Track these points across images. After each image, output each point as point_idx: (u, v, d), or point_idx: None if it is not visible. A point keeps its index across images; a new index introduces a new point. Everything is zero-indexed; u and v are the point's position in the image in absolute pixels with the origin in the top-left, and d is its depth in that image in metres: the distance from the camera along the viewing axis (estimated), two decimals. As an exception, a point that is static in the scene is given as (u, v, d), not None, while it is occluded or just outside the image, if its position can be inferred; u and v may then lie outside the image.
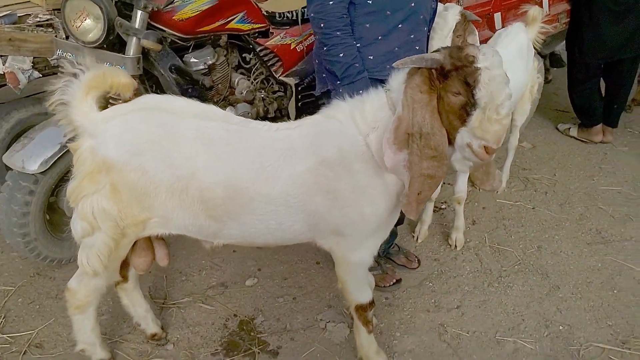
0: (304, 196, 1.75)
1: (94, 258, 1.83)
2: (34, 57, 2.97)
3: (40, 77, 2.96)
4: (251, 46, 3.14)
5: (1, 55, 2.82)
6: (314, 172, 1.73)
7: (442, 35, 2.41)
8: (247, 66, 3.23)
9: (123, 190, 1.72)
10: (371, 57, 2.13)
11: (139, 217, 1.77)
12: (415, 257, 2.91)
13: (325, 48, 2.02)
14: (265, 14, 3.09)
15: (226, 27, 2.94)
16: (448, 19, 2.26)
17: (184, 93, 2.80)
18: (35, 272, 2.79)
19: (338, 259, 1.95)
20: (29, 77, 2.87)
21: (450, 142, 1.64)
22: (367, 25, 2.10)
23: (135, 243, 1.93)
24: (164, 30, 2.71)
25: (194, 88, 2.82)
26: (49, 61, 3.00)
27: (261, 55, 3.17)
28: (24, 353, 2.29)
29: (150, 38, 2.46)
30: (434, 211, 3.23)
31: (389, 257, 2.86)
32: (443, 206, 3.48)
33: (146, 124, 1.73)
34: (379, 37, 2.11)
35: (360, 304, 2.02)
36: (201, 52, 2.98)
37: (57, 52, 2.64)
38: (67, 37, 2.74)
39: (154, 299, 2.63)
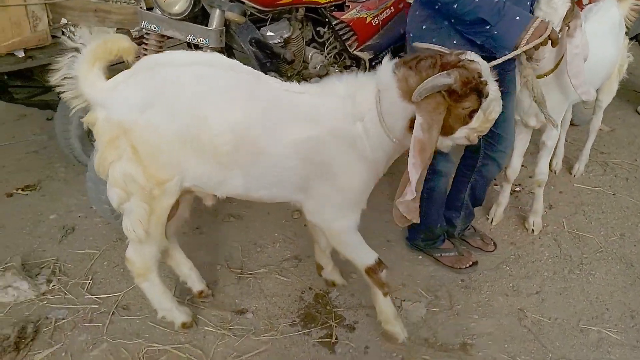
0: (299, 161, 1.81)
1: (136, 224, 1.89)
2: (116, 29, 3.04)
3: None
4: (326, 19, 3.09)
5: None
6: (313, 141, 1.79)
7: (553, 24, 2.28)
8: (321, 40, 3.20)
9: (140, 151, 1.75)
10: None
11: (160, 177, 1.79)
12: (491, 239, 2.84)
13: (455, 5, 1.88)
14: (342, -15, 3.04)
15: (303, -1, 2.90)
16: (558, 7, 2.11)
17: (263, 67, 2.79)
18: (118, 238, 2.91)
19: (325, 231, 2.04)
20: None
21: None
22: None
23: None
24: (244, 3, 2.71)
25: (272, 62, 2.82)
26: (131, 34, 3.08)
27: (336, 29, 3.12)
28: (112, 314, 2.40)
29: (235, 10, 2.46)
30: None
31: (464, 239, 2.81)
32: (517, 189, 3.38)
33: (150, 81, 1.74)
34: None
35: (367, 266, 2.05)
36: (277, 25, 2.97)
37: (142, 23, 2.67)
38: (149, 9, 2.78)
39: (231, 269, 2.69)
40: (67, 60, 1.77)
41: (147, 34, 2.72)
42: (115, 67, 1.89)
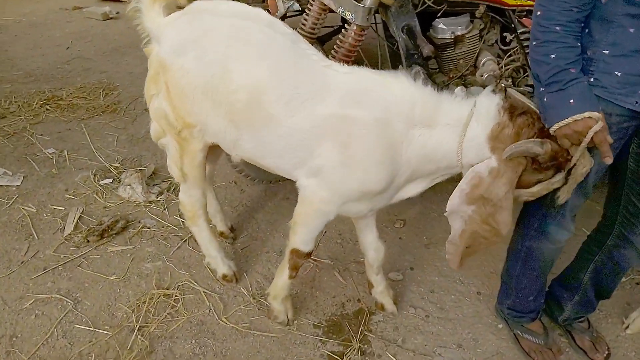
0: (316, 138, 1.67)
1: (171, 161, 2.03)
2: (300, -10, 3.12)
3: (298, 11, 3.12)
4: (513, 25, 2.65)
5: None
6: (339, 121, 1.63)
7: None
8: (504, 48, 2.77)
9: (172, 90, 1.80)
10: (618, 74, 1.46)
11: (186, 121, 1.84)
12: (608, 349, 2.13)
13: (534, 43, 1.48)
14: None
15: (486, -5, 2.53)
16: None
17: (408, 58, 2.57)
18: (233, 181, 3.11)
19: (307, 196, 1.80)
20: (288, 7, 3.04)
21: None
22: (632, 31, 1.43)
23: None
24: (413, -12, 2.51)
25: (419, 55, 2.56)
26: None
27: (521, 38, 2.65)
28: (184, 241, 2.59)
29: (385, -11, 2.28)
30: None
31: (570, 331, 2.17)
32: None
33: (190, 26, 1.77)
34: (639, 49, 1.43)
35: (297, 250, 1.94)
36: (454, 19, 2.68)
37: (306, -12, 2.70)
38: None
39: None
40: None
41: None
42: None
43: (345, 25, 2.51)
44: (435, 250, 2.68)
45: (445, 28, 2.66)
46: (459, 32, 2.65)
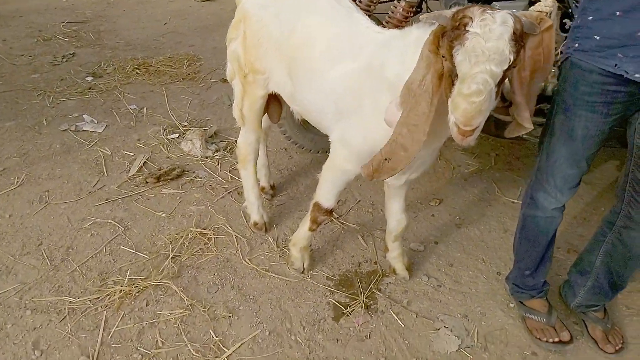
0: (344, 92, 1.77)
1: (235, 102, 2.27)
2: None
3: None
4: (570, 11, 2.58)
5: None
6: (358, 74, 1.71)
7: None
8: (564, 35, 2.70)
9: (249, 38, 2.04)
10: (597, 37, 1.50)
11: (254, 66, 2.06)
12: (622, 340, 2.04)
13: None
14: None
15: (545, -25, 2.49)
16: None
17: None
18: (284, 147, 3.31)
19: (332, 152, 1.93)
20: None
21: None
22: None
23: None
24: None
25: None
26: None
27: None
28: (229, 192, 2.84)
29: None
30: None
31: (584, 319, 2.10)
32: None
33: None
34: (617, 13, 1.44)
35: (320, 204, 2.07)
36: (512, 3, 2.65)
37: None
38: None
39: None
40: None
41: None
42: None
43: (395, 2, 2.60)
44: (465, 230, 2.69)
45: (499, 9, 2.65)
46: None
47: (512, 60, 1.25)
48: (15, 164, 2.99)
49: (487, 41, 1.21)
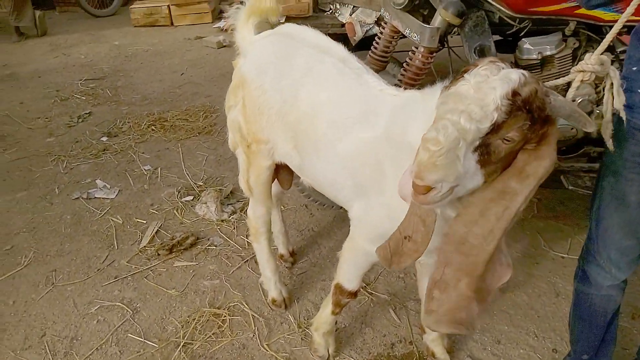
0: (360, 164, 1.57)
1: (240, 174, 2.10)
2: (379, 14, 3.06)
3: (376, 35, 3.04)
4: (612, 43, 2.31)
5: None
6: (374, 143, 1.52)
7: None
8: (605, 70, 2.42)
9: (248, 106, 1.85)
10: None
11: (257, 136, 1.87)
12: None
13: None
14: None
15: (575, 11, 2.25)
16: None
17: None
18: (304, 204, 3.09)
19: (352, 230, 1.75)
20: (366, 31, 2.99)
21: None
22: None
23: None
24: (492, 4, 2.31)
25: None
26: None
27: (621, 58, 2.31)
28: (245, 261, 2.62)
29: (450, 9, 2.12)
30: None
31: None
32: None
33: (273, 48, 1.82)
34: None
35: (342, 287, 1.85)
36: (543, 38, 2.42)
37: (381, 10, 2.63)
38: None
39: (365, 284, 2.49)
40: (233, 11, 2.00)
41: (385, 22, 2.66)
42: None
43: (413, 47, 2.38)
44: (511, 296, 2.38)
45: (531, 48, 2.40)
46: (548, 53, 2.38)
47: (494, 119, 1.01)
48: (24, 241, 2.85)
49: (476, 91, 1.02)
